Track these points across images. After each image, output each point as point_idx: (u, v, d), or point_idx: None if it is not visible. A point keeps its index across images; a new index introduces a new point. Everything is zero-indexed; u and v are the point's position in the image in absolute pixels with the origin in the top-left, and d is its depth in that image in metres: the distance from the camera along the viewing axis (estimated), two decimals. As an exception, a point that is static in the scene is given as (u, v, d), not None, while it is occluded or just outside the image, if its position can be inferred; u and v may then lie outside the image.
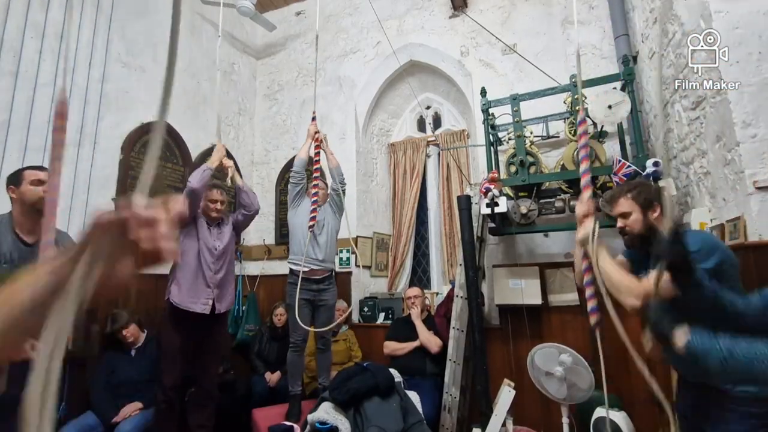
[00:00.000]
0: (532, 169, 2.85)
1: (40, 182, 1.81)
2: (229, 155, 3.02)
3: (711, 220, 2.05)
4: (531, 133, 3.01)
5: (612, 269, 1.36)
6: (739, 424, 1.26)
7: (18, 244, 1.78)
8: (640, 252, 1.55)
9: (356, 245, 3.95)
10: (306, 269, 2.75)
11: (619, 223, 1.58)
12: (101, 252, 0.46)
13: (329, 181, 3.15)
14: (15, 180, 1.85)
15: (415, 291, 3.37)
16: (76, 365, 2.68)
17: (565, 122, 3.02)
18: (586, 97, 2.68)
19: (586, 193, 1.42)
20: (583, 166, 1.42)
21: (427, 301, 3.48)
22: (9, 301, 0.46)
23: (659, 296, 1.19)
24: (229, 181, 2.81)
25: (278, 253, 4.20)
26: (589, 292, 1.43)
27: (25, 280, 0.47)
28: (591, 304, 1.43)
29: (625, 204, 1.53)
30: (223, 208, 2.75)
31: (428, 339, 3.12)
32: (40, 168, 1.89)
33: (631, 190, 1.54)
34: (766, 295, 1.23)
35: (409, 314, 3.32)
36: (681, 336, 1.18)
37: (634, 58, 2.99)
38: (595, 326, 1.43)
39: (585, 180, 1.42)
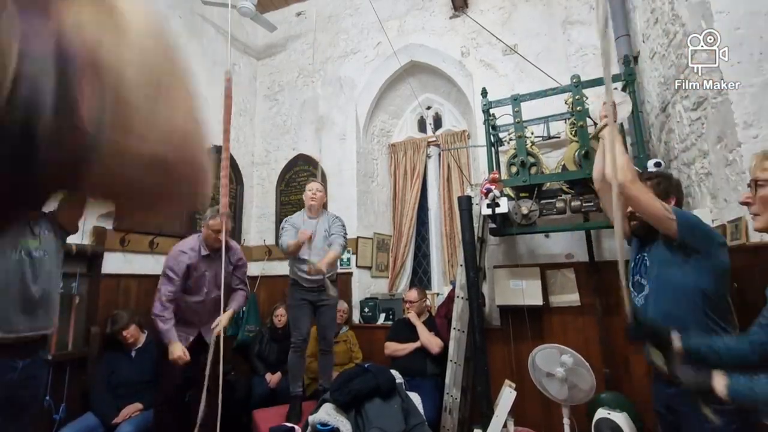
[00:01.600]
0: (533, 170, 2.85)
1: None
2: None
3: (712, 221, 2.05)
4: (532, 133, 3.00)
5: (620, 148, 1.47)
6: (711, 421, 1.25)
7: (26, 221, 1.85)
8: (644, 240, 1.55)
9: (357, 246, 3.95)
10: (310, 283, 2.81)
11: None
12: None
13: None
14: None
15: (412, 296, 3.31)
16: (76, 366, 2.68)
17: (566, 123, 3.01)
18: (587, 97, 2.68)
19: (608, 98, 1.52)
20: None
21: (427, 302, 3.47)
22: None
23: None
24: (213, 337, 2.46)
25: (278, 253, 4.19)
26: None
27: None
28: None
29: None
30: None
31: (429, 340, 3.11)
32: None
33: (651, 178, 1.55)
34: (750, 340, 1.20)
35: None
36: (720, 384, 1.10)
37: (635, 59, 2.99)
38: None
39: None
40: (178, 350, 2.49)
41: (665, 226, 1.39)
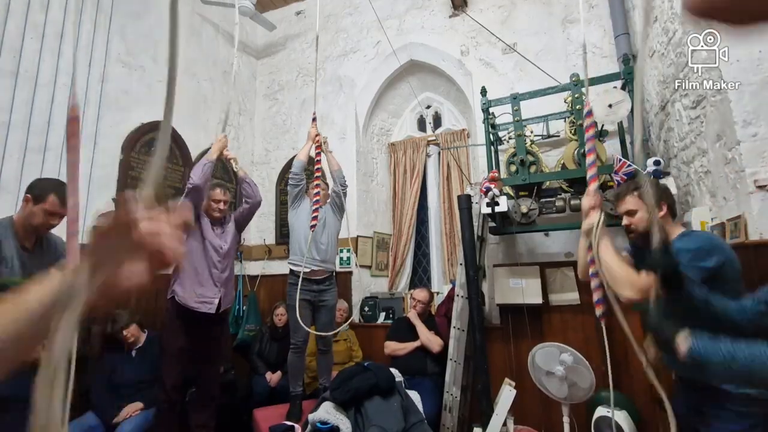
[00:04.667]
0: (533, 169, 2.85)
1: (54, 215, 1.77)
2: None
3: (712, 219, 2.05)
4: (531, 132, 3.00)
5: (613, 261, 1.37)
6: (735, 423, 1.26)
7: (19, 250, 1.77)
8: (645, 250, 1.54)
9: (357, 245, 3.95)
10: (307, 270, 2.76)
11: (625, 220, 1.58)
12: (105, 256, 0.46)
13: (330, 182, 3.14)
14: (38, 195, 1.77)
15: (422, 295, 3.31)
16: (75, 366, 2.68)
17: (565, 121, 3.02)
18: (586, 95, 2.68)
19: (593, 186, 1.47)
20: (589, 159, 1.47)
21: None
22: (17, 309, 0.47)
23: (657, 296, 1.18)
24: (235, 170, 2.75)
25: (278, 253, 4.20)
26: (594, 283, 1.45)
27: (33, 289, 0.48)
28: (596, 296, 1.44)
29: (631, 201, 1.53)
30: (226, 208, 2.71)
31: (429, 339, 3.12)
32: (64, 199, 1.77)
33: (638, 188, 1.53)
34: (760, 298, 1.21)
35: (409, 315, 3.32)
36: (683, 342, 1.13)
37: (635, 57, 2.99)
38: (601, 317, 1.45)
39: (591, 173, 1.47)
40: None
41: None
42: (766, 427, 1.25)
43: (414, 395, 2.71)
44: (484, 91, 3.09)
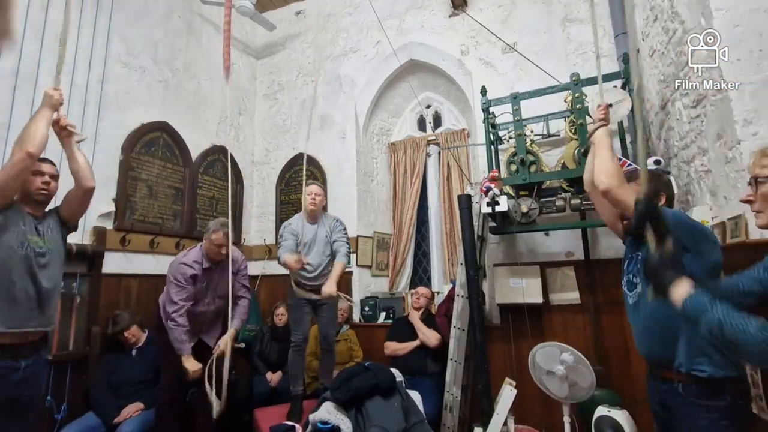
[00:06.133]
0: (533, 168, 2.85)
1: (40, 173, 1.84)
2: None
3: (712, 218, 2.05)
4: (531, 131, 3.00)
5: (607, 153, 1.53)
6: (704, 418, 1.28)
7: (32, 218, 1.85)
8: (638, 238, 1.55)
9: (357, 245, 3.95)
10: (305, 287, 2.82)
11: None
12: None
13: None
14: None
15: (425, 291, 3.37)
16: (77, 366, 2.68)
17: (565, 121, 3.01)
18: (586, 96, 2.68)
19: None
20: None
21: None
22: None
23: (658, 240, 1.20)
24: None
25: (279, 252, 4.20)
26: None
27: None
28: None
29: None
30: (226, 252, 2.57)
31: (426, 335, 3.13)
32: (44, 160, 1.89)
33: (639, 177, 1.54)
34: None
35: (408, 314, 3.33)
36: (682, 289, 1.09)
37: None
38: None
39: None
40: (193, 366, 2.44)
41: None
42: (734, 415, 1.26)
43: (414, 395, 2.71)
44: (484, 91, 3.09)
